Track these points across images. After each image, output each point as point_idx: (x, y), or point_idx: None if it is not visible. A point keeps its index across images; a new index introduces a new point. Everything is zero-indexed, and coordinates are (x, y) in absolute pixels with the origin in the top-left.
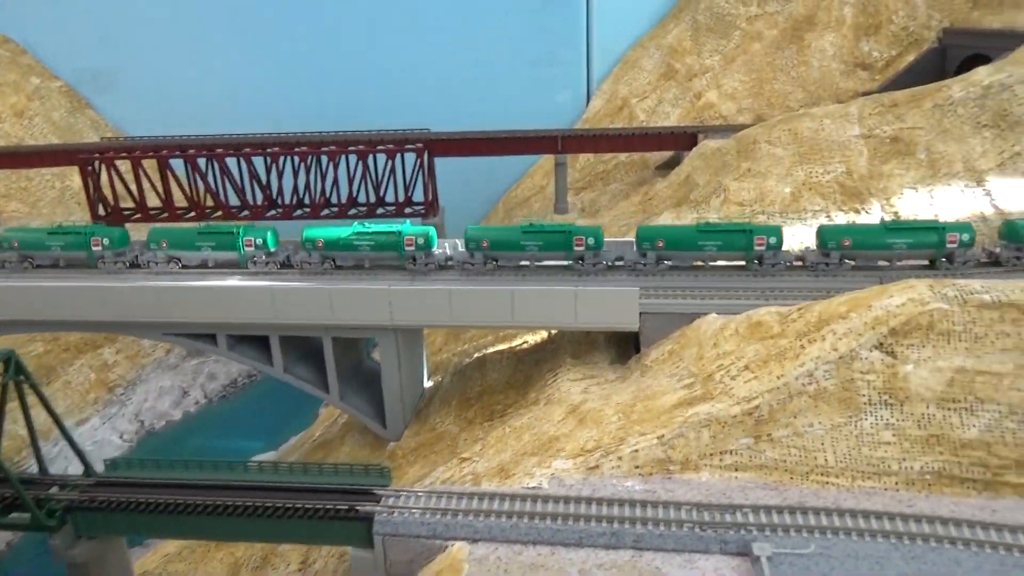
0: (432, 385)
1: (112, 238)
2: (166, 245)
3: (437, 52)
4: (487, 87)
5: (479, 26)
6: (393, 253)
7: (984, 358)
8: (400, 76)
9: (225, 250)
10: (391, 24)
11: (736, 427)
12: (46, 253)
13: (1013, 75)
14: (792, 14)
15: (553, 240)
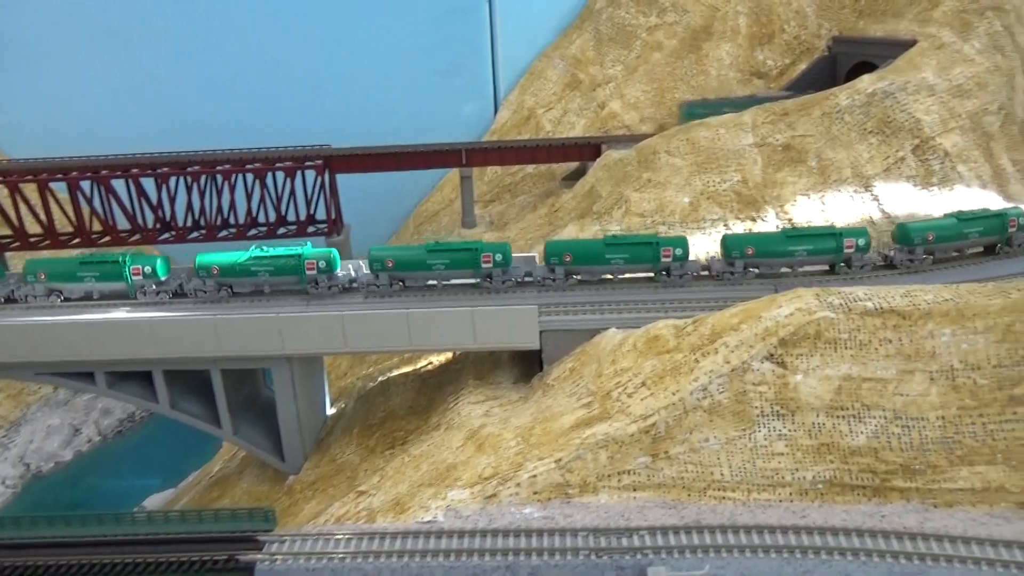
0: (335, 412)
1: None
2: (45, 277)
3: (337, 65)
4: (391, 100)
5: (380, 37)
6: (293, 277)
7: (869, 365)
8: (299, 90)
9: (111, 280)
10: (288, 36)
11: (633, 446)
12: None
13: (894, 83)
14: (690, 24)
15: (460, 258)
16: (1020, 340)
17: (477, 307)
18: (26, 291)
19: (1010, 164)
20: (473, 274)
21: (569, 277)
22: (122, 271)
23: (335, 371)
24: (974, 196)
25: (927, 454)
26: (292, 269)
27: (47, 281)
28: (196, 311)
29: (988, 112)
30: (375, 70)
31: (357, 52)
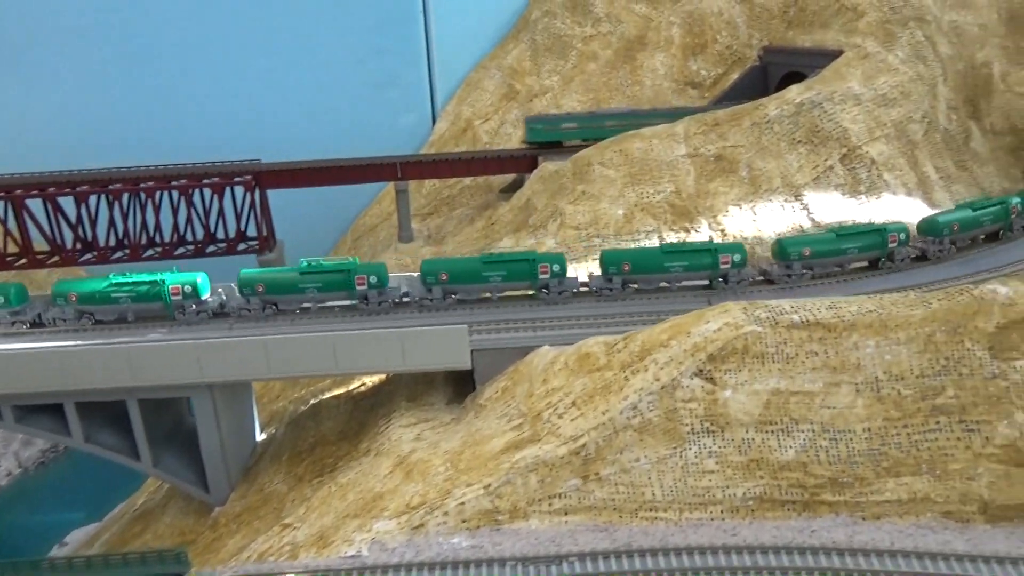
0: (265, 438)
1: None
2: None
3: (267, 77)
4: (325, 112)
5: (312, 48)
6: (157, 304)
7: (796, 378)
8: (229, 104)
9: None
10: (216, 48)
11: (564, 468)
12: None
13: (821, 93)
14: (624, 35)
15: (334, 280)
16: (941, 350)
17: (406, 328)
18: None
19: (934, 171)
20: (348, 296)
21: (448, 296)
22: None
23: (268, 394)
24: (900, 203)
25: (854, 467)
26: (155, 296)
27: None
28: (101, 340)
29: (912, 120)
30: (307, 82)
31: (287, 64)
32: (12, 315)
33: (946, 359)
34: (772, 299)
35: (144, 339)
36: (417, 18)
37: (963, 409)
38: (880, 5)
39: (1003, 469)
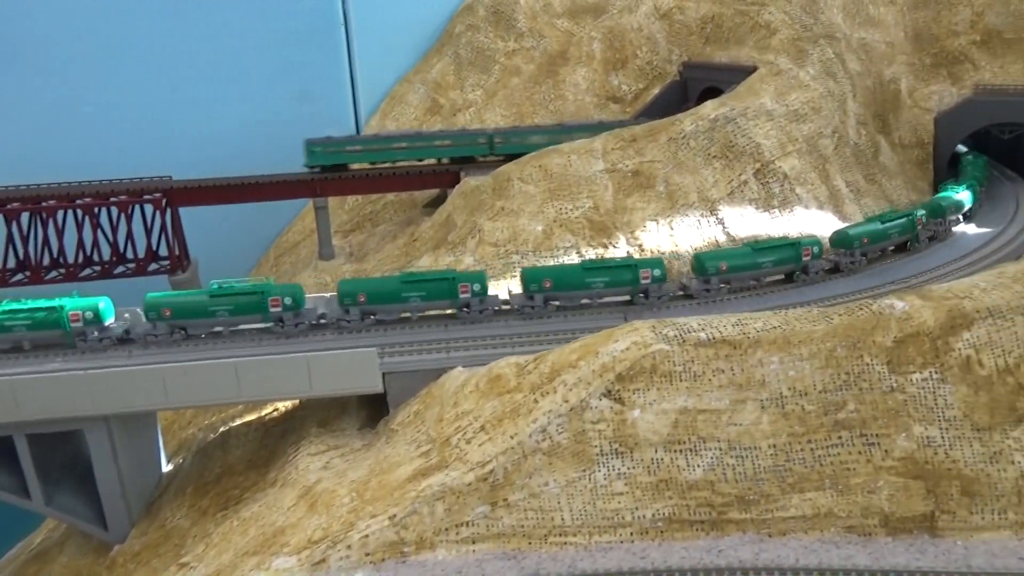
0: (172, 469)
1: None
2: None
3: (179, 89)
4: (241, 127)
5: (227, 60)
6: (57, 331)
7: (704, 396)
8: (138, 118)
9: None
10: (124, 59)
11: (472, 495)
12: None
13: (735, 108)
14: (547, 49)
15: (246, 303)
16: (842, 365)
17: (312, 352)
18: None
19: (844, 185)
20: (262, 319)
21: (366, 317)
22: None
23: (179, 420)
24: (812, 217)
25: (760, 483)
26: (54, 323)
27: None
28: None
29: (823, 136)
30: (222, 95)
31: (200, 76)
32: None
33: (847, 374)
34: (681, 316)
35: (40, 369)
36: (337, 30)
37: (864, 423)
38: (792, 23)
39: (902, 482)
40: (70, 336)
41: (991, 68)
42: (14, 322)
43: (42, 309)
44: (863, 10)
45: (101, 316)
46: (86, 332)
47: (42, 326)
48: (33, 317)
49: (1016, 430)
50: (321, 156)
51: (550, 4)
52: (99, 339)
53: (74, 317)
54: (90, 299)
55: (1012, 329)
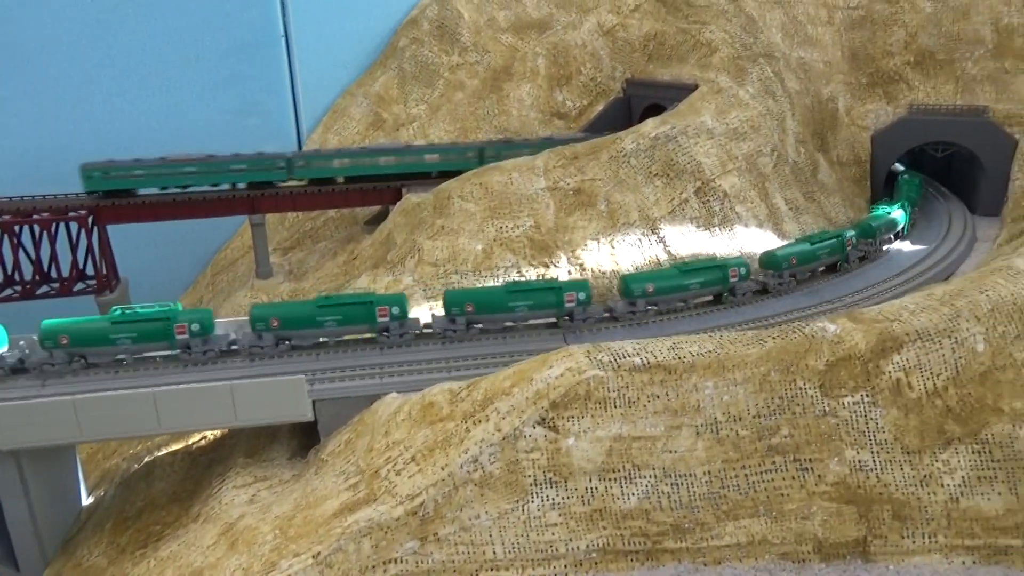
0: (93, 502)
1: None
2: None
3: (113, 101)
4: (179, 141)
5: (163, 73)
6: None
7: (638, 423)
8: (69, 130)
9: None
10: (54, 70)
11: (400, 531)
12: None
13: (676, 127)
14: (491, 64)
15: (151, 329)
16: (775, 389)
17: (236, 381)
18: None
19: (783, 203)
20: (168, 346)
21: (280, 343)
22: None
23: (103, 450)
24: (752, 235)
25: (695, 511)
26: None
27: None
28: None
29: (762, 154)
30: (158, 108)
31: (135, 88)
32: None
33: (780, 398)
34: (616, 341)
35: None
36: (278, 43)
37: (797, 448)
38: (732, 41)
39: (835, 507)
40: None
41: (924, 88)
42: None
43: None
44: (801, 30)
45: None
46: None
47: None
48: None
49: (945, 453)
50: (99, 181)
51: (494, 19)
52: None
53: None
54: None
55: (940, 352)
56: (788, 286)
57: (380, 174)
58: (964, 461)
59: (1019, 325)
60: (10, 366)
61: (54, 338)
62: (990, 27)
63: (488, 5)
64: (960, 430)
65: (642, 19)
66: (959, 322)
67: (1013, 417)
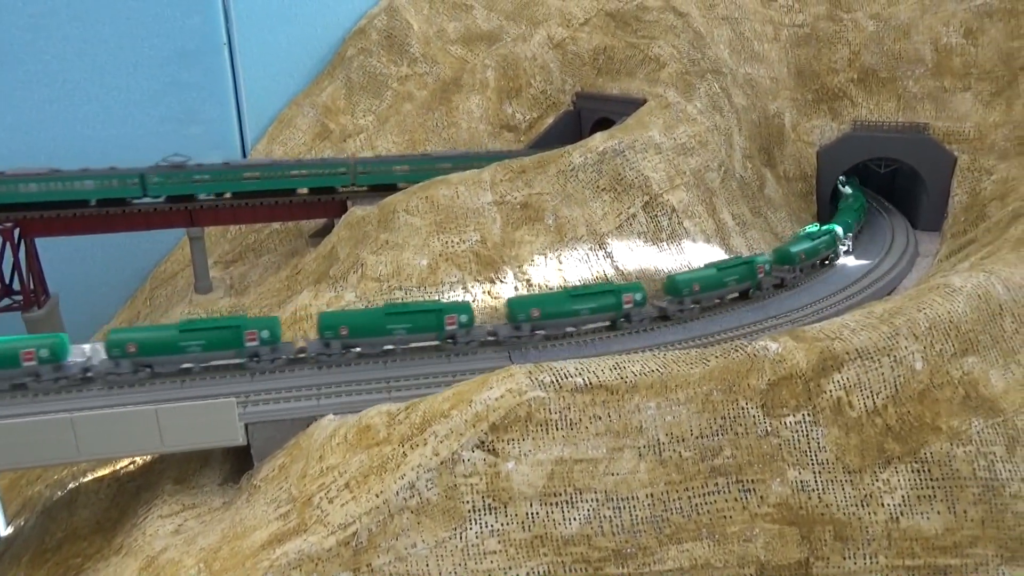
0: (12, 532)
1: None
2: None
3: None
4: (115, 149)
5: (100, 78)
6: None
7: (580, 445)
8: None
9: None
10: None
11: (332, 562)
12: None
13: (623, 141)
14: (440, 76)
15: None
16: (718, 409)
17: (161, 405)
18: None
19: (730, 218)
20: (10, 375)
21: (138, 369)
22: None
23: (26, 476)
24: (699, 250)
25: (638, 535)
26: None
27: None
28: None
29: (710, 169)
30: (93, 116)
31: (70, 94)
32: None
33: (723, 418)
34: (559, 361)
35: None
36: (220, 50)
37: (740, 469)
38: (680, 57)
39: (777, 529)
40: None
41: (868, 105)
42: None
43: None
44: (748, 46)
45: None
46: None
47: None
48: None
49: (885, 472)
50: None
51: (444, 30)
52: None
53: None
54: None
55: (879, 370)
56: (690, 313)
57: None
58: (904, 480)
59: (956, 343)
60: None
61: None
62: (930, 47)
63: (437, 16)
64: (899, 449)
65: (592, 33)
66: (898, 340)
67: (951, 435)
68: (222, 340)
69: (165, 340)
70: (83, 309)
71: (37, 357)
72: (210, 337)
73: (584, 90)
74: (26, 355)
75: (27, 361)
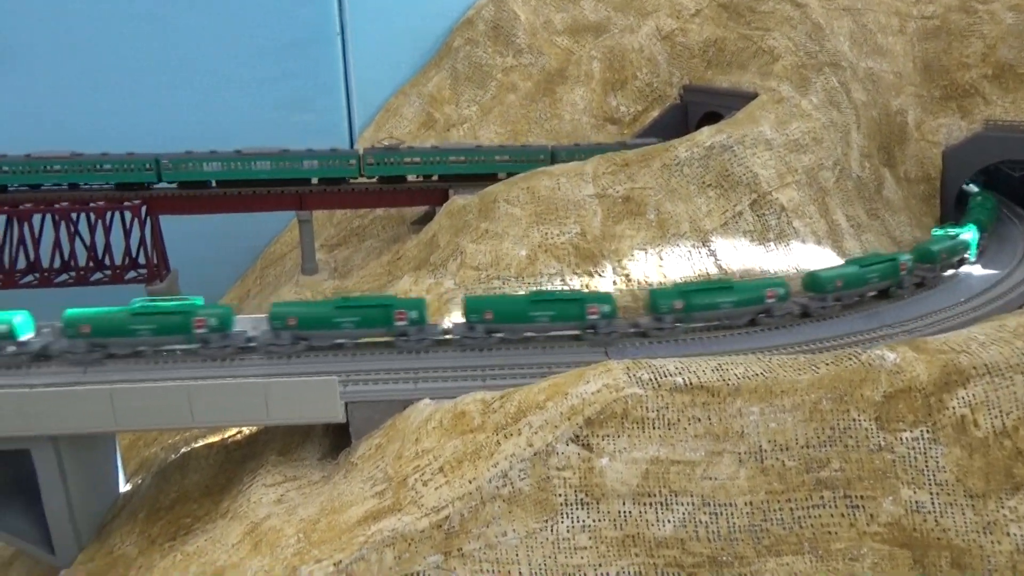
0: (130, 489)
1: None
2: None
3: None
4: (231, 134)
5: (218, 67)
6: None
7: (677, 446)
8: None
9: None
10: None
11: (424, 543)
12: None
13: (732, 136)
14: (545, 67)
15: (170, 323)
16: (826, 419)
17: (271, 379)
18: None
19: (844, 219)
20: (186, 339)
21: (297, 342)
22: None
23: (144, 438)
24: (809, 251)
25: (734, 544)
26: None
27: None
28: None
29: (824, 167)
30: (212, 103)
31: (191, 82)
32: None
33: (832, 429)
34: (657, 358)
35: None
36: (333, 41)
37: (848, 483)
38: (796, 49)
39: (887, 550)
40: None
41: (1003, 103)
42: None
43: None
44: (871, 39)
45: (15, 331)
46: (1, 346)
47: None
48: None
49: (1012, 499)
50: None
51: (551, 21)
52: (15, 354)
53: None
54: (5, 313)
55: (1011, 388)
56: (832, 310)
57: None
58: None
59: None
60: (35, 352)
61: (75, 327)
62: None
63: (545, 7)
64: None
65: (703, 24)
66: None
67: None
68: (373, 318)
69: (322, 315)
70: (198, 284)
71: (207, 325)
72: (363, 314)
73: (692, 83)
74: (198, 323)
75: (198, 328)
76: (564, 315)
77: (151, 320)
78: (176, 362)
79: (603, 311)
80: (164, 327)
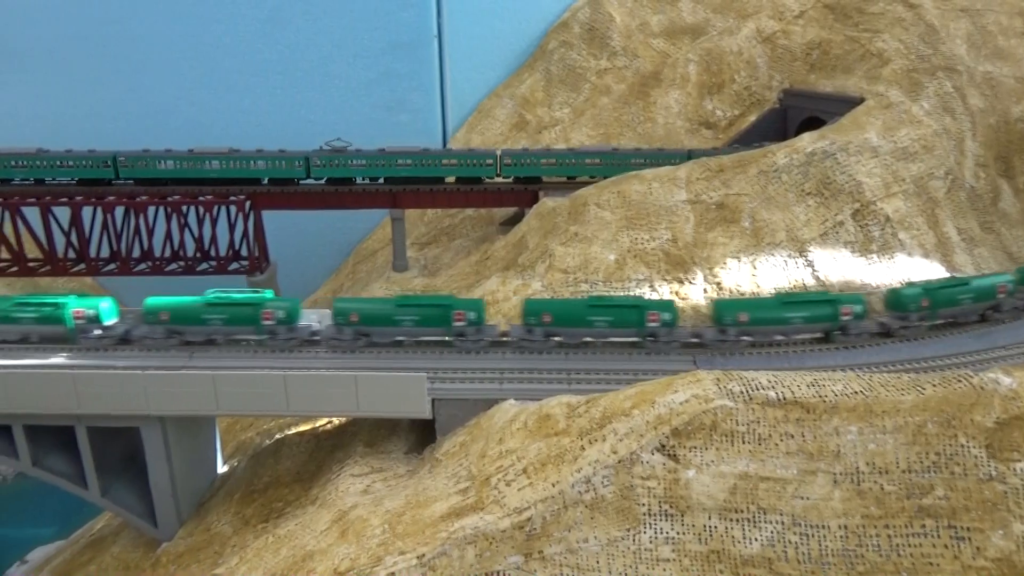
0: (227, 471)
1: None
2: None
3: (276, 95)
4: (332, 134)
5: (322, 69)
6: (59, 327)
7: (768, 462)
8: (235, 121)
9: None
10: (224, 66)
11: (505, 543)
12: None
13: (835, 143)
14: (639, 70)
15: (241, 314)
16: (931, 443)
17: (361, 372)
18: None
19: (955, 232)
20: (254, 330)
21: (359, 337)
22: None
23: (240, 422)
24: (916, 265)
25: (826, 568)
26: (57, 319)
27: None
28: None
29: (934, 177)
30: (315, 102)
31: (296, 82)
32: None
33: (937, 454)
34: (748, 370)
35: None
36: (431, 43)
37: (953, 513)
38: (907, 52)
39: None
40: (73, 332)
41: None
42: (23, 315)
43: (48, 305)
44: (991, 41)
45: (100, 316)
46: (87, 330)
47: (47, 321)
48: (40, 312)
49: None
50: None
51: (647, 23)
52: (99, 338)
53: (77, 315)
54: (92, 299)
55: None
56: (915, 331)
57: None
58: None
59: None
60: (119, 337)
61: (155, 314)
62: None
63: (641, 9)
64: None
65: (806, 26)
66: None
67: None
68: (432, 317)
69: (383, 313)
70: (295, 277)
71: (275, 318)
72: (423, 313)
73: (793, 87)
74: (266, 314)
75: (266, 320)
76: (623, 321)
77: (223, 310)
78: (273, 352)
79: (664, 319)
80: (234, 317)
